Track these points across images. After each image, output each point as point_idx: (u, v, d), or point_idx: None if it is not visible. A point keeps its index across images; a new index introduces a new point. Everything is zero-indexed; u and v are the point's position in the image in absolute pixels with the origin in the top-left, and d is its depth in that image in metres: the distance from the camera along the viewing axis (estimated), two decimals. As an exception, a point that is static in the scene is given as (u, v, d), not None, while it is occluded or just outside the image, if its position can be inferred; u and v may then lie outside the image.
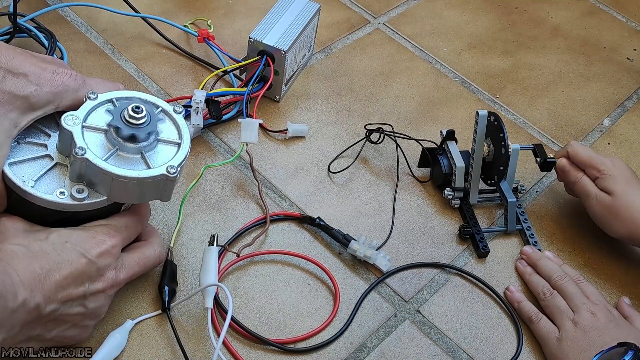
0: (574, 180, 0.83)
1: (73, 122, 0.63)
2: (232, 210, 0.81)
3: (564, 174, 0.84)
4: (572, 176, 0.83)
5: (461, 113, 0.98)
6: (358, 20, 1.10)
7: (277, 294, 0.75)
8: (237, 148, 0.86)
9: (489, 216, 0.87)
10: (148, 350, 0.68)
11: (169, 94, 0.92)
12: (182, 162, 0.65)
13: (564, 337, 0.72)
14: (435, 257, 0.81)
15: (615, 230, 0.79)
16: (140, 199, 0.66)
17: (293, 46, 0.90)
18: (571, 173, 0.83)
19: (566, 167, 0.83)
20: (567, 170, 0.83)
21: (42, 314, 0.58)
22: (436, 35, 1.10)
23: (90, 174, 0.62)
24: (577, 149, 0.83)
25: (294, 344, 0.71)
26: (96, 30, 0.99)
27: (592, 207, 0.81)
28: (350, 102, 0.97)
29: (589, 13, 1.20)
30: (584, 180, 0.82)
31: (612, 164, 0.81)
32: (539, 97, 1.03)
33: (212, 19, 1.03)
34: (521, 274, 0.81)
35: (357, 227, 0.82)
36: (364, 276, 0.78)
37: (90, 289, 0.62)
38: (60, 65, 0.65)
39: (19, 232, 0.61)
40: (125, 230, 0.66)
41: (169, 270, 0.72)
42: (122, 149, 0.63)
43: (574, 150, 0.83)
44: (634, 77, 1.09)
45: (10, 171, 0.62)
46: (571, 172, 0.83)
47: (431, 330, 0.75)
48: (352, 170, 0.88)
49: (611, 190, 0.79)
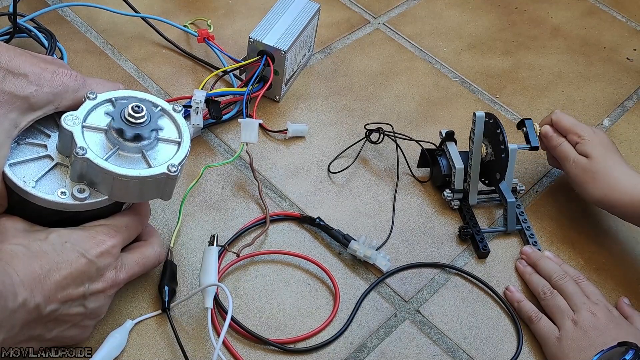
0: (555, 144, 0.85)
1: (73, 122, 0.63)
2: (232, 210, 0.81)
3: (546, 139, 0.87)
4: (554, 141, 0.86)
5: (461, 113, 0.98)
6: (358, 20, 1.10)
7: (277, 294, 0.75)
8: (237, 148, 0.86)
9: (489, 216, 0.87)
10: (148, 350, 0.68)
11: (169, 94, 0.92)
12: (183, 161, 0.65)
13: (564, 336, 0.72)
14: (435, 257, 0.81)
15: (591, 193, 0.81)
16: (141, 198, 0.66)
17: (293, 46, 0.90)
18: (553, 138, 0.86)
19: (549, 133, 0.86)
20: (550, 135, 0.86)
21: (42, 314, 0.58)
22: (436, 35, 1.10)
23: (92, 174, 0.62)
24: (560, 116, 0.87)
25: (294, 344, 0.71)
26: (96, 30, 0.99)
27: (571, 170, 0.83)
28: (350, 102, 0.97)
29: (589, 13, 1.20)
30: (564, 145, 0.85)
31: (592, 131, 0.85)
32: (539, 97, 1.03)
33: (212, 19, 1.03)
34: (521, 273, 0.81)
35: (357, 227, 0.82)
36: (364, 276, 0.78)
37: (90, 289, 0.62)
38: (61, 65, 0.65)
39: (19, 232, 0.61)
40: (125, 230, 0.66)
41: (169, 270, 0.72)
42: (122, 149, 0.64)
43: (557, 117, 0.87)
44: (634, 77, 1.09)
45: (11, 172, 0.62)
46: (553, 137, 0.86)
47: (431, 330, 0.75)
48: (352, 170, 0.88)
49: (589, 154, 0.82)
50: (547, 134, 0.87)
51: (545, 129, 0.87)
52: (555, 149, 0.86)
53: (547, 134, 0.87)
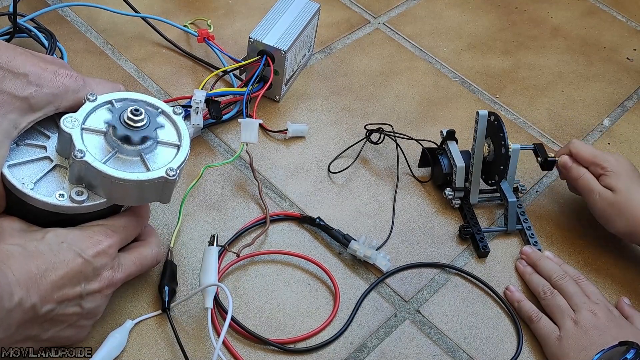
0: (576, 176, 0.83)
1: (72, 124, 0.62)
2: (232, 210, 0.81)
3: (566, 170, 0.84)
4: (574, 173, 0.83)
5: (461, 113, 0.98)
6: (358, 20, 1.10)
7: (277, 294, 0.75)
8: (237, 148, 0.86)
9: (489, 216, 0.87)
10: (148, 350, 0.68)
11: (169, 94, 0.92)
12: (182, 165, 0.65)
13: (564, 336, 0.72)
14: (435, 257, 0.81)
15: (617, 227, 0.79)
16: (139, 201, 0.66)
17: (293, 46, 0.90)
18: (573, 170, 0.83)
19: (568, 164, 0.83)
20: (570, 167, 0.83)
21: (38, 314, 0.58)
22: (436, 35, 1.10)
23: (90, 177, 0.62)
24: (579, 146, 0.83)
25: (294, 344, 0.71)
26: (96, 30, 0.99)
27: (595, 204, 0.81)
28: (350, 102, 0.97)
29: (589, 13, 1.20)
30: (586, 177, 0.82)
31: (615, 161, 0.81)
32: (539, 97, 1.03)
33: (212, 19, 1.03)
34: (521, 273, 0.81)
35: (357, 227, 0.82)
36: (364, 276, 0.78)
37: (87, 289, 0.61)
38: (61, 65, 0.65)
39: (16, 232, 0.61)
40: (123, 231, 0.65)
41: (169, 270, 0.72)
42: (121, 152, 0.63)
43: (576, 148, 0.83)
44: (634, 77, 1.09)
45: (10, 173, 0.61)
46: (573, 168, 0.83)
47: (431, 330, 0.75)
48: (352, 170, 0.88)
49: (614, 187, 0.79)
50: (567, 165, 0.83)
51: (564, 160, 0.84)
52: (577, 181, 0.82)
53: (567, 165, 0.83)
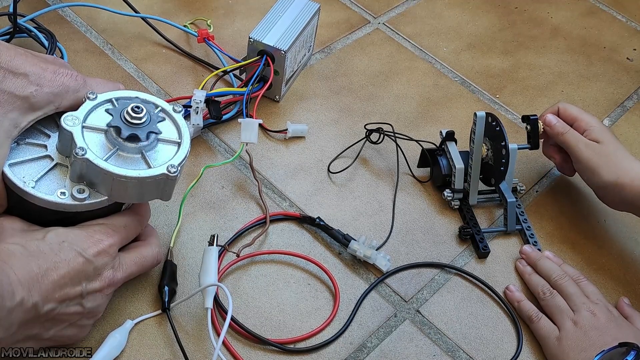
0: (562, 131, 0.84)
1: (73, 122, 0.63)
2: (232, 210, 0.81)
3: (550, 127, 0.85)
4: (559, 128, 0.85)
5: (461, 113, 0.98)
6: (358, 20, 1.10)
7: (277, 294, 0.75)
8: (237, 148, 0.86)
9: (489, 216, 0.87)
10: (148, 350, 0.68)
11: (169, 94, 0.92)
12: (183, 161, 0.65)
13: (564, 336, 0.72)
14: (435, 257, 0.81)
15: (603, 177, 0.80)
16: (140, 199, 0.66)
17: (293, 46, 0.90)
18: (558, 126, 0.85)
19: (553, 121, 0.85)
20: (555, 123, 0.85)
21: (39, 313, 0.58)
22: (436, 35, 1.10)
23: (91, 174, 0.62)
24: (567, 105, 0.86)
25: (294, 344, 0.71)
26: (96, 30, 0.99)
27: (582, 153, 0.82)
28: (350, 102, 0.97)
29: (589, 13, 1.20)
30: (571, 132, 0.84)
31: (598, 121, 0.84)
32: (539, 97, 1.03)
33: (212, 19, 1.03)
34: (521, 273, 0.81)
35: (357, 227, 0.82)
36: (364, 276, 0.78)
37: (88, 288, 0.62)
38: (62, 65, 0.65)
39: (17, 232, 0.61)
40: (124, 230, 0.65)
41: (168, 270, 0.72)
42: (122, 149, 0.64)
43: (564, 106, 0.86)
44: (634, 77, 1.09)
45: (11, 172, 0.62)
46: (558, 125, 0.85)
47: (431, 330, 0.75)
48: (352, 170, 0.88)
49: (600, 139, 0.82)
50: (552, 121, 0.85)
51: (550, 117, 0.86)
52: (561, 135, 0.84)
53: (552, 122, 0.85)
